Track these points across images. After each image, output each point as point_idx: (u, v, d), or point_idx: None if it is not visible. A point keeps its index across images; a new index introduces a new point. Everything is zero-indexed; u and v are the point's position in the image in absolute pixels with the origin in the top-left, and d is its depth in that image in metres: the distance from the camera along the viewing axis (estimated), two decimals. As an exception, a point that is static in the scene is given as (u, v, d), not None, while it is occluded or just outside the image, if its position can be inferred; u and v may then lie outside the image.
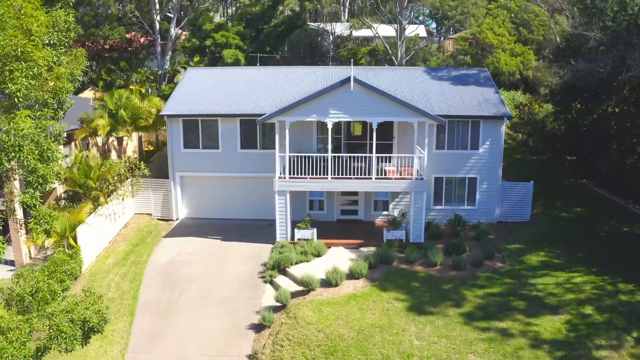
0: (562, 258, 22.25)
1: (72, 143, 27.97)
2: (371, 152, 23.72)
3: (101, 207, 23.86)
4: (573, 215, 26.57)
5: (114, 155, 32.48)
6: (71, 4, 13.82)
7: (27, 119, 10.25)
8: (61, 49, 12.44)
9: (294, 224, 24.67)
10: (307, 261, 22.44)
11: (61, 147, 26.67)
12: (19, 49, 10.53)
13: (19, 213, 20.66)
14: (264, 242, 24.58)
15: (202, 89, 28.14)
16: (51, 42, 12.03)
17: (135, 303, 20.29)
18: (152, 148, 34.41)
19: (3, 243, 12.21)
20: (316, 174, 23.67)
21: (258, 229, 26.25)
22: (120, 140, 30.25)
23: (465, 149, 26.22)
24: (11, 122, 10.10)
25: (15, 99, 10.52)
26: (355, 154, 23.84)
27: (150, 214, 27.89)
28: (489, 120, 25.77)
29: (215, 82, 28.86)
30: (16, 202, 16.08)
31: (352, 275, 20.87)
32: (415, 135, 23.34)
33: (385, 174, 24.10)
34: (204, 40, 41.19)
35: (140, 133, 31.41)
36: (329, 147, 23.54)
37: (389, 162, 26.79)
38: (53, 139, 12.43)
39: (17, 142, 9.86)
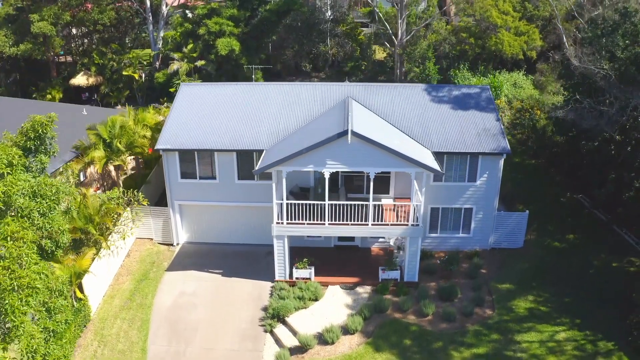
0: (550, 304, 23.24)
1: (69, 170, 27.95)
2: (368, 190, 24.03)
3: (104, 250, 24.45)
4: (565, 244, 27.24)
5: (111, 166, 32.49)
6: (54, 138, 13.59)
7: (35, 338, 10.57)
8: (52, 212, 12.45)
9: (292, 251, 25.36)
10: (305, 307, 23.45)
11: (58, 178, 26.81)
12: (14, 282, 10.64)
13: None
14: (264, 278, 25.46)
15: (196, 115, 27.68)
16: (41, 211, 12.04)
17: (145, 357, 21.51)
18: (150, 151, 34.18)
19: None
20: (313, 220, 24.06)
21: (257, 259, 27.03)
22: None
23: (463, 181, 26.35)
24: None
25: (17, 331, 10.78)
26: (353, 202, 24.03)
27: (152, 239, 28.59)
28: (488, 154, 25.71)
29: (210, 104, 28.32)
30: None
31: (347, 330, 21.94)
32: (412, 184, 23.46)
33: (382, 213, 24.57)
34: (198, 27, 39.74)
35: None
36: (326, 193, 23.72)
37: (387, 192, 27.19)
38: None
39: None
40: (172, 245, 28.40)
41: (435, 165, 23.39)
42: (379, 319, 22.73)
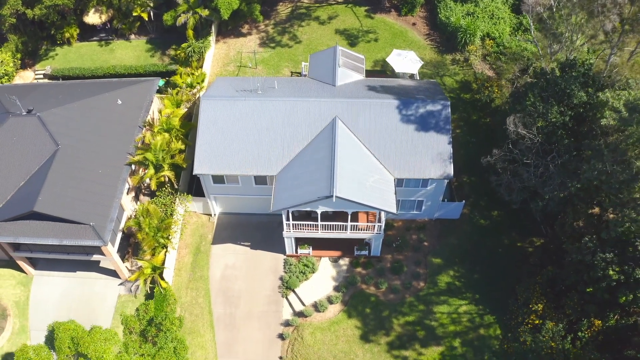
0: (463, 279, 36.29)
1: (129, 177, 37.57)
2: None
3: (170, 248, 36.54)
4: (488, 222, 38.59)
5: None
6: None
7: None
8: None
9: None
10: (307, 279, 36.79)
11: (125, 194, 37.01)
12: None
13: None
14: (278, 251, 37.96)
15: (219, 138, 35.80)
16: None
17: (212, 318, 35.91)
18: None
19: None
20: (310, 229, 35.40)
21: (272, 229, 38.90)
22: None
23: (417, 187, 36.42)
24: None
25: None
26: (337, 222, 34.82)
27: (196, 212, 40.12)
28: (436, 179, 35.18)
29: (228, 127, 36.04)
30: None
31: (331, 301, 35.70)
32: (377, 218, 34.02)
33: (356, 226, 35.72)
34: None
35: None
36: (319, 216, 34.38)
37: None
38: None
39: None
40: (211, 216, 40.09)
41: (392, 207, 33.29)
42: (352, 290, 36.26)
